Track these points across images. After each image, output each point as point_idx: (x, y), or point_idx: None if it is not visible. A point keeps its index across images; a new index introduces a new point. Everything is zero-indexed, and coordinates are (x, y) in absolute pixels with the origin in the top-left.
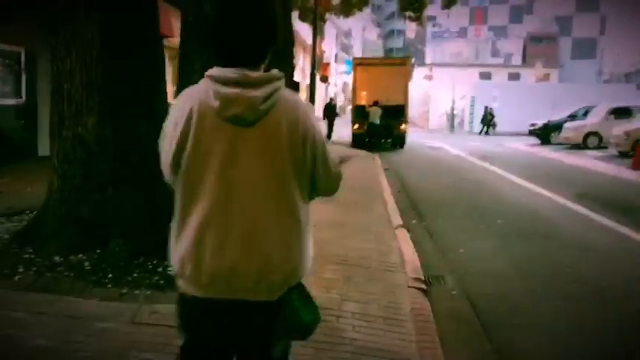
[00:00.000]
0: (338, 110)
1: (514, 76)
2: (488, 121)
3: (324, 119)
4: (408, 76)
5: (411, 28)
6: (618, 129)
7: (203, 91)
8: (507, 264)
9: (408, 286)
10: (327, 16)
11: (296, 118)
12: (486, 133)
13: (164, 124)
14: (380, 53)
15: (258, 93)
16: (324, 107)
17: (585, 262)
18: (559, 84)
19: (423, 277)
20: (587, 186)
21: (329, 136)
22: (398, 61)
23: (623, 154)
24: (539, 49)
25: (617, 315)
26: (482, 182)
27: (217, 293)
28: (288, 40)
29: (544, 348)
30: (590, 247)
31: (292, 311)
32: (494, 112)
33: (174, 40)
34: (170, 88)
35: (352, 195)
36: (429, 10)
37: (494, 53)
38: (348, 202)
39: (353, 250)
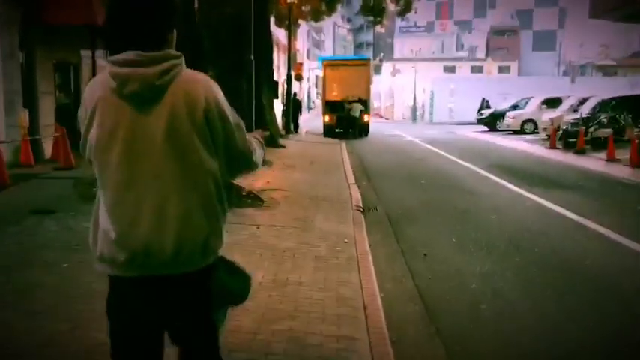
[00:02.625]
0: (312, 105)
1: (477, 69)
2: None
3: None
4: (369, 74)
5: (384, 19)
6: (546, 116)
7: (104, 75)
8: (417, 202)
9: (353, 209)
10: (300, 21)
11: (196, 93)
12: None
13: (78, 110)
14: (350, 48)
15: (153, 70)
16: (291, 100)
17: (469, 202)
18: (515, 76)
19: (362, 206)
20: (501, 160)
21: (295, 128)
22: (361, 62)
23: (548, 137)
24: (501, 42)
25: (486, 236)
26: (422, 159)
27: (137, 271)
28: (269, 46)
29: (432, 236)
30: (476, 192)
31: (218, 281)
32: (491, 104)
33: None
34: None
35: (321, 167)
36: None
37: (460, 47)
38: (317, 171)
39: (321, 193)
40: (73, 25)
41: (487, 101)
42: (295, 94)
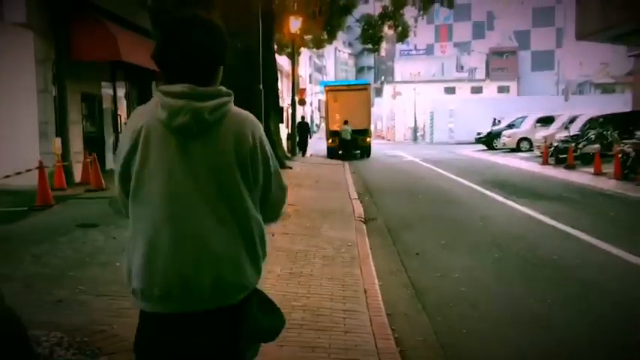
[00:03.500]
0: (315, 129)
1: (477, 90)
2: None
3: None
4: (369, 98)
5: (381, 47)
6: (540, 134)
7: (153, 105)
8: (413, 213)
9: (355, 220)
10: (302, 49)
11: (244, 132)
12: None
13: (120, 141)
14: (352, 72)
15: (205, 104)
16: (297, 125)
17: (460, 212)
18: (514, 96)
19: (363, 217)
20: (494, 175)
21: (304, 152)
22: (361, 87)
23: (542, 154)
24: (500, 62)
25: (472, 234)
26: (421, 177)
27: (172, 307)
28: (274, 74)
29: (424, 240)
30: (468, 204)
31: (251, 318)
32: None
33: None
34: None
35: (326, 185)
36: None
37: (459, 68)
38: (323, 188)
39: (326, 207)
40: (98, 61)
41: (499, 120)
42: (303, 117)
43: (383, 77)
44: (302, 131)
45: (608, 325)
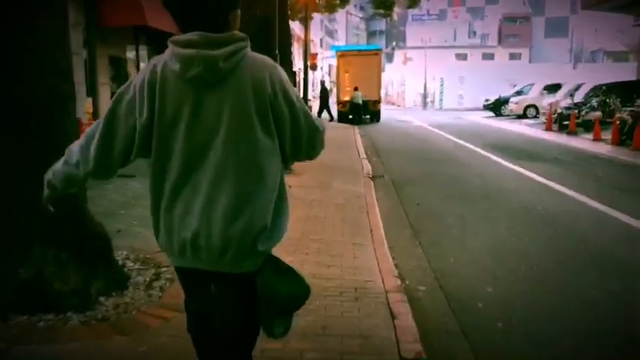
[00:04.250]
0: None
1: (489, 56)
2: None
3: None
4: (380, 64)
5: (393, 12)
6: (546, 101)
7: (167, 56)
8: (417, 172)
9: (364, 177)
10: (314, 14)
11: (263, 77)
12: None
13: (120, 92)
14: (363, 36)
15: (218, 52)
16: (320, 90)
17: (460, 171)
18: (525, 63)
19: (371, 174)
20: (498, 140)
21: (331, 117)
22: (372, 52)
23: None
24: (513, 29)
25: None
26: (427, 140)
27: (189, 263)
28: (289, 40)
29: (425, 194)
30: (468, 164)
31: (266, 285)
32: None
33: None
34: None
35: (338, 146)
36: None
37: (472, 34)
38: (334, 149)
39: (338, 165)
40: (124, 26)
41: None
42: (323, 82)
43: (394, 42)
44: (324, 95)
45: (573, 254)
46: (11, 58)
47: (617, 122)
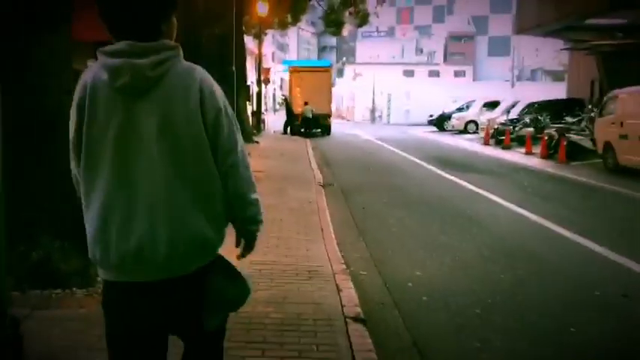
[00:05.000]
0: (277, 106)
1: (435, 73)
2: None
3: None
4: (330, 79)
5: (343, 30)
6: (485, 117)
7: (95, 68)
8: (363, 181)
9: (315, 185)
10: (267, 30)
11: (190, 84)
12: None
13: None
14: (314, 51)
15: (145, 61)
16: (284, 104)
17: (402, 181)
18: (469, 81)
19: (322, 182)
20: (438, 153)
21: (285, 130)
22: (323, 69)
23: None
24: (458, 47)
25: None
26: (373, 153)
27: (129, 276)
28: (243, 55)
29: (370, 200)
30: (410, 175)
31: (213, 286)
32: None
33: None
34: None
35: (290, 157)
36: None
37: (419, 51)
38: (287, 160)
39: (291, 174)
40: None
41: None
42: (286, 97)
43: (344, 58)
44: (289, 109)
45: (490, 248)
46: (25, 78)
47: (546, 138)
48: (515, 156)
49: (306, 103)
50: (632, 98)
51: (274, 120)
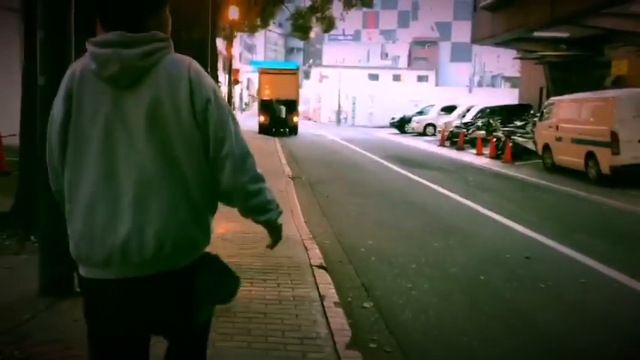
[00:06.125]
0: (244, 106)
1: (398, 77)
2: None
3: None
4: (297, 81)
5: (309, 35)
6: (442, 121)
7: (83, 59)
8: (328, 175)
9: (285, 177)
10: (236, 33)
11: (178, 75)
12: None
13: (54, 103)
14: (282, 52)
15: (134, 51)
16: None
17: (363, 175)
18: (430, 86)
19: (292, 176)
20: (397, 152)
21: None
22: (290, 71)
23: None
24: (422, 52)
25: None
26: (338, 151)
27: (115, 272)
28: (216, 58)
29: (334, 190)
30: (370, 170)
31: (202, 282)
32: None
33: None
34: None
35: (261, 154)
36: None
37: (384, 55)
38: (258, 155)
39: (263, 168)
40: None
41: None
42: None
43: (311, 60)
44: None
45: (431, 225)
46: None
47: (494, 140)
48: (467, 156)
49: (278, 102)
50: (566, 105)
51: (243, 119)
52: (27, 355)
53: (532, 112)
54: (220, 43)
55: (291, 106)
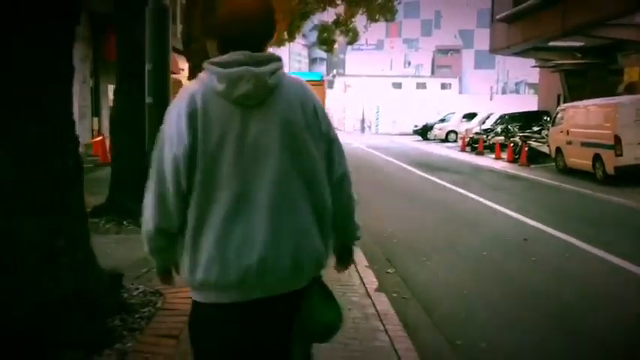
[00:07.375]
0: None
1: (422, 86)
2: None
3: None
4: (324, 92)
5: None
6: (463, 127)
7: (205, 80)
8: (353, 178)
9: None
10: None
11: (304, 92)
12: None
13: (161, 131)
14: (305, 63)
15: (265, 68)
16: None
17: (386, 178)
18: (454, 93)
19: None
20: (419, 158)
21: None
22: (317, 82)
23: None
24: (445, 60)
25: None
26: (362, 158)
27: (247, 293)
28: None
29: (359, 190)
30: (392, 174)
31: (313, 309)
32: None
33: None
34: None
35: None
36: None
37: (407, 64)
38: None
39: None
40: None
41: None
42: None
43: (335, 70)
44: None
45: (443, 217)
46: (26, 142)
47: (512, 145)
48: (486, 160)
49: None
50: (575, 111)
51: None
52: (155, 290)
53: (547, 118)
54: None
55: None
